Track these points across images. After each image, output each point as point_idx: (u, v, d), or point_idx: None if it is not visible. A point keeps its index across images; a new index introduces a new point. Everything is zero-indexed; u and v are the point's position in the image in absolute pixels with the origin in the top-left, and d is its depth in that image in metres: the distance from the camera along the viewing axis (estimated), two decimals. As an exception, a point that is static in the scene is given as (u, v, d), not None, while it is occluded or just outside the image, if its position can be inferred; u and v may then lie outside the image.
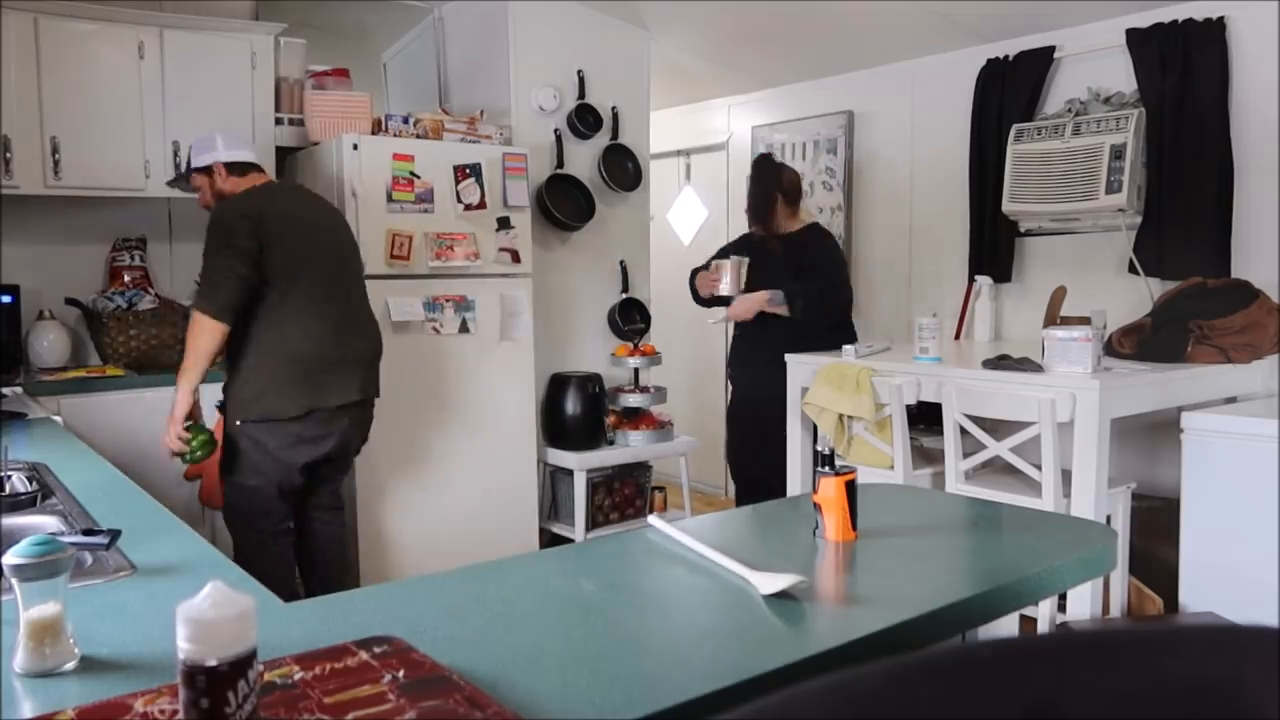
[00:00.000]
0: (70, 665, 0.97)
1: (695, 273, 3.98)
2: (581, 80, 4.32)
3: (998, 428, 3.10)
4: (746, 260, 3.75)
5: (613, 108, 4.41)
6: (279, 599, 1.19)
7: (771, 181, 3.79)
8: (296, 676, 0.91)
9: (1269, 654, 0.39)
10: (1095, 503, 2.83)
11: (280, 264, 2.73)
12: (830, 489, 1.42)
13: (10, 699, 0.91)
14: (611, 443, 4.25)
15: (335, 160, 3.54)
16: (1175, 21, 3.54)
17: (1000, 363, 3.07)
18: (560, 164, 4.27)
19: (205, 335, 2.67)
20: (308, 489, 2.98)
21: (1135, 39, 3.63)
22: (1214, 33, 3.45)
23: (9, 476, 1.84)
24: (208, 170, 2.88)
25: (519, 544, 3.91)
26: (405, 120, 3.76)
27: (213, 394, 2.86)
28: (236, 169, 2.88)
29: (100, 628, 1.08)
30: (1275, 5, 3.32)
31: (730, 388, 4.11)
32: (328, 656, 0.96)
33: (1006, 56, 4.07)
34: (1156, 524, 3.20)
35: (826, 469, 1.43)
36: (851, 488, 1.43)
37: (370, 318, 3.02)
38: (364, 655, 0.96)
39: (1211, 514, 2.80)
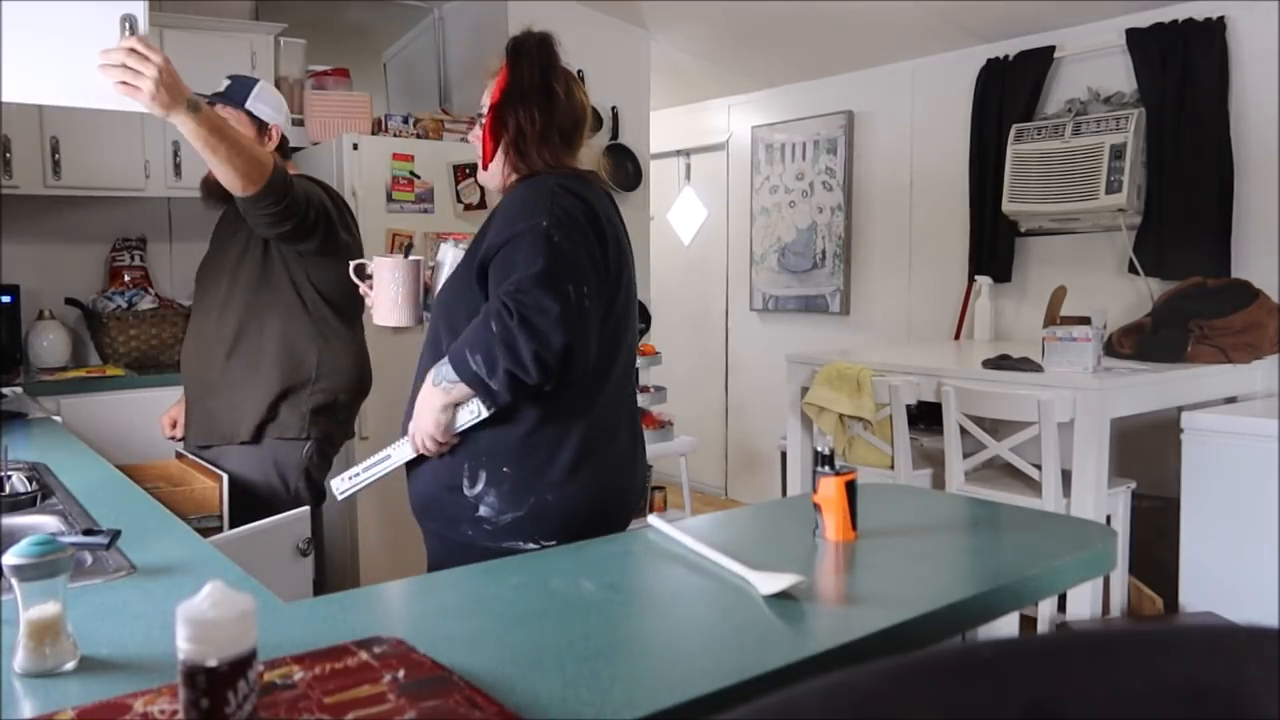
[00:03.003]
0: (70, 665, 0.97)
1: None
2: (581, 80, 4.32)
3: (998, 428, 3.10)
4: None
5: (613, 108, 4.41)
6: (279, 599, 1.18)
7: None
8: (296, 676, 0.91)
9: (1269, 654, 0.39)
10: (1095, 503, 2.83)
11: None
12: (830, 489, 1.42)
13: (10, 699, 0.91)
14: (611, 443, 4.25)
15: (335, 160, 3.54)
16: (1175, 21, 3.54)
17: (1000, 363, 3.07)
18: (560, 164, 4.26)
19: None
20: None
21: (1135, 39, 3.63)
22: (1214, 33, 3.45)
23: (9, 476, 1.84)
24: None
25: (519, 544, 3.90)
26: (405, 120, 3.76)
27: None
28: None
29: (100, 628, 1.08)
30: (1275, 5, 3.32)
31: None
32: (328, 656, 0.96)
33: (1006, 56, 4.07)
34: (1156, 524, 3.20)
35: (826, 469, 1.43)
36: (851, 488, 1.43)
37: None
38: (364, 655, 0.96)
39: (1211, 514, 2.79)
